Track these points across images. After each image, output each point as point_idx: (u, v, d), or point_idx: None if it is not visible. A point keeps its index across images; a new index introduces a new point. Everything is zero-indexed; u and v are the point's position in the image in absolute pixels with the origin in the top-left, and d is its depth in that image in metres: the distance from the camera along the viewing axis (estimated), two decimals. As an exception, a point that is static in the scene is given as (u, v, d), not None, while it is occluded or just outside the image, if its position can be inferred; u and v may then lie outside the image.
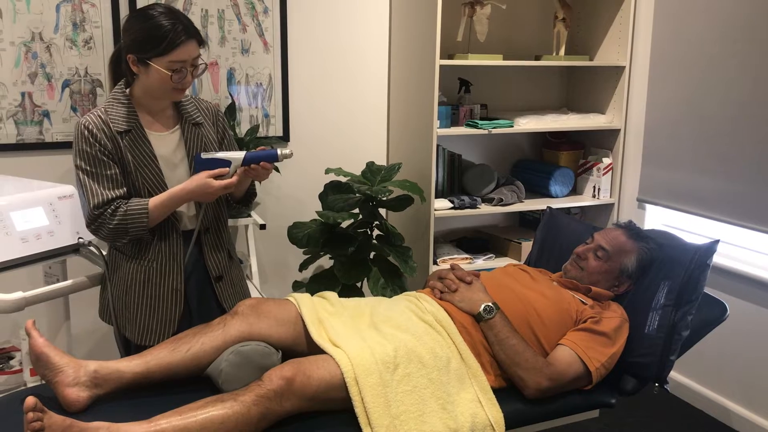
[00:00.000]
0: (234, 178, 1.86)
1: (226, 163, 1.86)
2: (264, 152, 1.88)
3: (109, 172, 1.84)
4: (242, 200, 2.10)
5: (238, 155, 1.87)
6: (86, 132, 1.82)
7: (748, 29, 2.69)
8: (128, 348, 2.01)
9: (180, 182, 1.89)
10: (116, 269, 1.97)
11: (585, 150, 3.55)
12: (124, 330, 1.98)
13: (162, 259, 1.93)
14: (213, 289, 2.04)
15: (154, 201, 1.85)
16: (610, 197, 3.40)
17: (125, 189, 1.87)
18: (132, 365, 1.70)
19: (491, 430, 1.72)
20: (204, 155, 1.87)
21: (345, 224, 2.94)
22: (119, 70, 1.93)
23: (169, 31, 1.76)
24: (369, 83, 3.27)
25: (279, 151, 1.87)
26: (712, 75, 2.85)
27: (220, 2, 2.90)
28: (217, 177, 1.85)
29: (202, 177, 1.83)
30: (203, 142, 1.97)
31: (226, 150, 2.05)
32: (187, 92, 1.96)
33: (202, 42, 1.85)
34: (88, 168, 1.83)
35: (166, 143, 1.92)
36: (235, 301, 2.05)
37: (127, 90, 1.90)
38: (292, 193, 3.22)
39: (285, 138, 3.14)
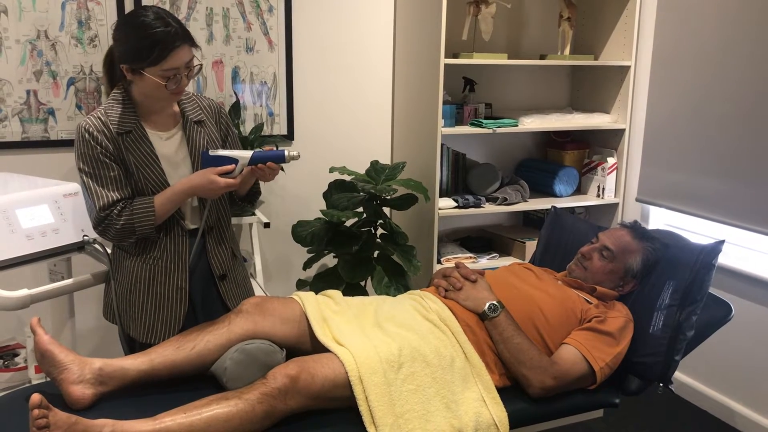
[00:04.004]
0: (238, 179, 1.86)
1: (233, 161, 1.86)
2: (271, 152, 1.87)
3: (111, 173, 1.83)
4: (246, 198, 2.10)
5: (246, 154, 1.86)
6: (86, 135, 1.81)
7: (752, 30, 2.68)
8: (133, 346, 2.00)
9: None
10: (120, 267, 1.97)
11: (590, 149, 3.54)
12: (128, 329, 1.97)
13: (167, 257, 1.93)
14: (217, 288, 2.04)
15: (159, 198, 1.85)
16: (615, 197, 3.39)
17: (129, 190, 1.86)
18: (137, 363, 1.71)
19: (495, 430, 1.72)
20: (211, 152, 1.87)
21: (349, 223, 2.94)
22: (113, 73, 1.90)
23: (159, 41, 1.73)
24: (373, 82, 3.27)
25: (286, 152, 1.86)
26: (716, 75, 2.84)
27: (225, 1, 2.90)
28: (222, 174, 1.84)
29: (207, 173, 1.83)
30: (206, 141, 1.96)
31: (231, 148, 2.05)
32: (189, 90, 1.96)
33: (194, 44, 1.82)
34: (91, 170, 1.83)
35: (168, 143, 1.91)
36: (240, 300, 2.05)
37: (126, 91, 1.89)
38: (297, 191, 3.22)
39: (289, 137, 3.14)
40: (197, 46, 1.85)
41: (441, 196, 3.11)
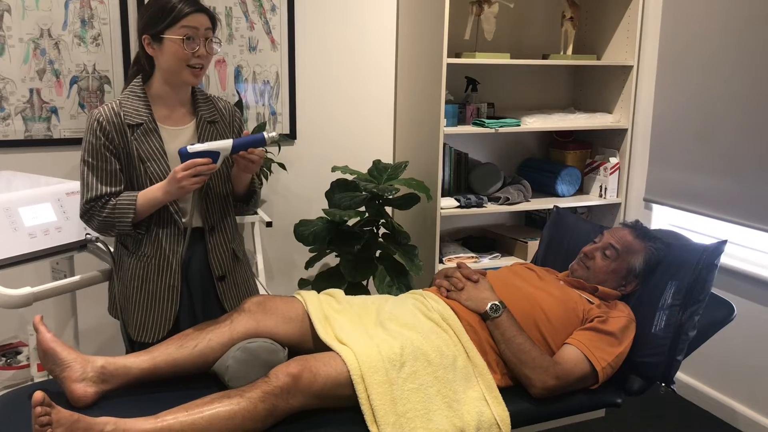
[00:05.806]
0: (203, 179, 1.79)
1: (214, 154, 1.79)
2: (251, 137, 1.83)
3: (109, 167, 1.84)
4: (243, 198, 2.08)
5: (226, 144, 1.80)
6: (95, 124, 1.83)
7: (755, 30, 2.68)
8: (133, 344, 2.01)
9: None
10: (120, 265, 1.97)
11: (592, 149, 3.54)
12: (128, 325, 1.98)
13: (160, 255, 1.92)
14: (216, 289, 2.03)
15: (141, 198, 1.84)
16: (617, 197, 3.39)
17: (122, 186, 1.87)
18: (139, 361, 1.71)
19: (497, 429, 1.72)
20: (190, 148, 1.78)
21: (351, 222, 2.94)
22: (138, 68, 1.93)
23: (179, 2, 1.79)
24: (376, 81, 3.27)
25: (265, 134, 1.82)
26: (719, 75, 2.84)
27: (228, 0, 2.90)
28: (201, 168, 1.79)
29: (176, 178, 1.77)
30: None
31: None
32: (201, 84, 1.94)
33: (213, 18, 1.86)
34: (90, 159, 1.84)
35: (178, 138, 1.91)
36: (237, 302, 2.04)
37: (145, 85, 1.90)
38: (299, 190, 3.22)
39: (292, 136, 3.14)
40: (217, 22, 1.87)
41: (443, 195, 3.11)
